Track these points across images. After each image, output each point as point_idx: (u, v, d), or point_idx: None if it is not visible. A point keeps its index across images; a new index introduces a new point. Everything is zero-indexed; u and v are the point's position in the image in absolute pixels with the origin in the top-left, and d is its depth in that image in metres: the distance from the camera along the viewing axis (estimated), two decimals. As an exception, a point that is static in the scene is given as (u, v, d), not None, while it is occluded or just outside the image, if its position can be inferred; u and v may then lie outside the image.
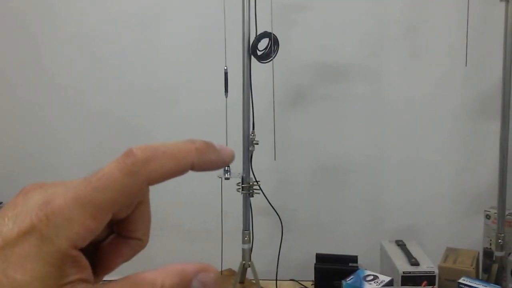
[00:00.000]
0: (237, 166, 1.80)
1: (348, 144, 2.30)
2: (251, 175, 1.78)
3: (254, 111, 1.76)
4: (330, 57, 2.26)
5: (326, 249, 1.90)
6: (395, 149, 2.26)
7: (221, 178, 1.76)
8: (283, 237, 1.93)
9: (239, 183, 1.77)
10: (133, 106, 2.40)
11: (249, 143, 1.74)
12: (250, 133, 1.74)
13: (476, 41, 1.84)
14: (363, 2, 2.21)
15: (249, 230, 1.80)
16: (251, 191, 1.76)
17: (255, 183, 1.77)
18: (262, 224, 2.15)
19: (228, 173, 1.77)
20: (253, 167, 1.79)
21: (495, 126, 1.83)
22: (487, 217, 1.78)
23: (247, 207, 1.79)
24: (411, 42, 2.19)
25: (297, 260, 2.26)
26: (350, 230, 2.37)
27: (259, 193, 1.77)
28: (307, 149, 2.34)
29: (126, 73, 2.37)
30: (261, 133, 1.79)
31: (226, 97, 1.74)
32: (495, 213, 1.69)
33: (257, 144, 1.74)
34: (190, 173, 0.32)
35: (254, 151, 1.76)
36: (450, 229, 2.24)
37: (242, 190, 1.76)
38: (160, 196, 2.64)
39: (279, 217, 1.87)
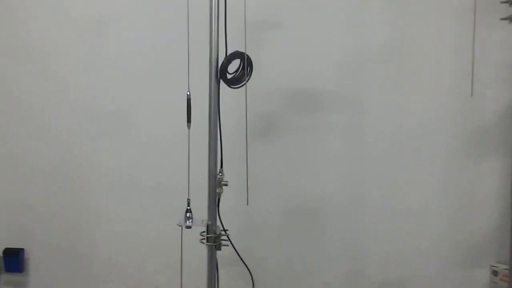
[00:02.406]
0: (201, 211, 1.57)
1: (325, 182, 2.11)
2: (218, 223, 1.55)
3: (222, 145, 1.53)
4: (304, 82, 2.09)
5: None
6: (378, 189, 2.09)
7: (181, 226, 1.51)
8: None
9: (203, 232, 1.53)
10: (76, 128, 2.14)
11: (216, 184, 1.51)
12: (218, 171, 1.51)
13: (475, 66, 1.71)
14: (341, 21, 2.05)
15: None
16: (218, 242, 1.52)
17: (223, 232, 1.53)
18: (227, 277, 1.91)
19: (190, 221, 1.53)
20: (220, 212, 1.55)
21: (496, 164, 1.69)
22: (494, 273, 1.61)
23: (212, 262, 1.54)
24: (396, 66, 2.05)
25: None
26: (327, 283, 2.15)
27: (227, 245, 1.53)
28: (278, 187, 2.13)
29: (73, 91, 2.12)
30: (230, 169, 1.57)
31: (189, 127, 1.51)
32: (505, 269, 1.52)
33: (226, 185, 1.51)
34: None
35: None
36: (442, 285, 2.06)
37: (207, 242, 1.52)
38: (108, 244, 2.39)
39: (249, 271, 1.63)
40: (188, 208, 1.53)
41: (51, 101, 2.16)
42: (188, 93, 1.51)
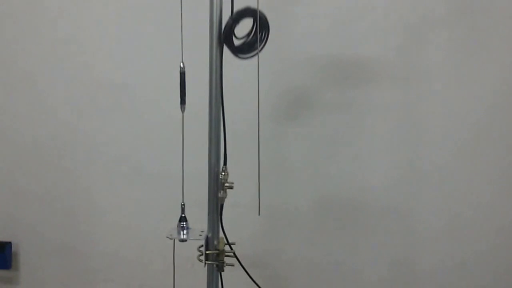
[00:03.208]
0: (198, 219, 1.22)
1: (368, 174, 1.72)
2: (221, 235, 1.20)
3: (226, 134, 1.17)
4: (343, 49, 1.68)
5: None
6: (437, 185, 1.68)
7: (173, 239, 1.17)
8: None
9: (201, 246, 1.19)
10: (71, 103, 1.84)
11: (218, 187, 1.15)
12: (220, 170, 1.15)
13: None
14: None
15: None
16: (220, 261, 1.17)
17: (228, 250, 1.18)
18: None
19: (185, 231, 1.19)
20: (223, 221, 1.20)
21: None
22: None
23: (214, 284, 1.20)
24: (465, 29, 1.61)
25: None
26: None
27: (232, 265, 1.19)
28: (306, 179, 1.75)
29: (67, 61, 1.81)
30: (238, 161, 1.21)
31: (183, 110, 1.15)
32: None
33: (231, 188, 1.15)
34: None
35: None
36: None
37: (206, 260, 1.17)
38: (108, 237, 2.09)
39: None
40: (183, 216, 1.19)
41: (42, 72, 1.84)
42: (182, 64, 1.14)
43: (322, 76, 1.70)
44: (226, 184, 1.14)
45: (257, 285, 1.26)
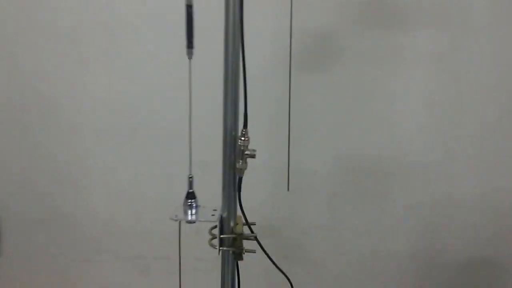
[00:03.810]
0: (210, 195, 0.98)
1: (400, 133, 1.48)
2: (239, 215, 0.96)
3: (247, 88, 0.91)
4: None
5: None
6: (474, 143, 1.45)
7: (178, 220, 0.93)
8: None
9: (213, 228, 0.95)
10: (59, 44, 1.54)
11: (235, 155, 0.90)
12: (239, 134, 0.90)
13: None
14: None
15: (233, 315, 1.00)
16: (237, 247, 0.94)
17: (248, 234, 0.95)
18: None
19: (193, 211, 0.95)
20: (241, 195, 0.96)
21: None
22: None
23: (229, 275, 0.97)
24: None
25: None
26: (396, 270, 1.59)
27: (254, 252, 0.95)
28: (326, 137, 1.51)
29: None
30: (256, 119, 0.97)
31: (190, 57, 0.88)
32: None
33: (252, 157, 0.90)
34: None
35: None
36: None
37: (220, 246, 0.94)
38: (103, 203, 1.77)
39: (287, 278, 1.06)
40: (191, 191, 0.94)
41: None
42: (188, -5, 0.86)
43: (351, 19, 1.43)
44: (247, 152, 0.89)
45: (283, 273, 1.03)
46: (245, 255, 0.95)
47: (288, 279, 1.05)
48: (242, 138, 0.88)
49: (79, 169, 1.64)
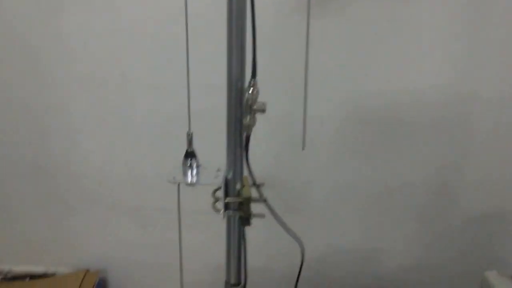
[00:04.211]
0: (211, 153, 0.86)
1: (415, 74, 1.34)
2: (247, 178, 0.85)
3: (256, 30, 0.77)
4: None
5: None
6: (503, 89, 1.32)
7: (176, 183, 0.83)
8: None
9: (217, 190, 0.84)
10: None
11: (242, 110, 0.78)
12: (247, 86, 0.77)
13: None
14: None
15: (240, 283, 0.91)
16: (246, 213, 0.83)
17: (257, 197, 0.84)
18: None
19: (193, 173, 0.83)
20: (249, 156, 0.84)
21: None
22: None
23: (236, 242, 0.88)
24: None
25: None
26: (415, 235, 1.50)
27: (263, 217, 0.85)
28: (338, 84, 1.37)
29: None
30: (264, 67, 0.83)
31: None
32: None
33: (263, 111, 0.77)
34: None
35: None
36: None
37: (225, 210, 0.83)
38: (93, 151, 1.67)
39: (298, 241, 0.97)
40: (190, 150, 0.83)
41: None
42: None
43: None
44: (255, 107, 0.77)
45: (295, 237, 0.93)
46: (253, 220, 0.85)
47: (300, 243, 0.96)
48: (250, 91, 0.76)
49: (66, 121, 1.51)
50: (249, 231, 0.89)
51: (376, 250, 1.61)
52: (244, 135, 0.80)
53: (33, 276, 1.74)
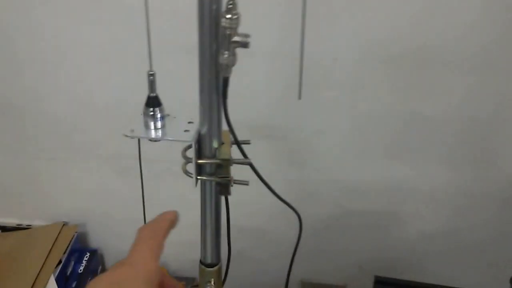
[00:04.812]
0: (182, 99, 0.67)
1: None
2: (225, 130, 0.65)
3: None
4: None
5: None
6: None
7: (135, 138, 0.63)
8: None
9: (188, 149, 0.65)
10: None
11: (218, 43, 0.57)
12: (224, 9, 0.56)
13: None
14: None
15: (218, 263, 0.73)
16: (225, 179, 0.64)
17: (240, 158, 0.65)
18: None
19: (158, 123, 0.64)
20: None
21: None
22: None
23: (213, 214, 0.69)
24: None
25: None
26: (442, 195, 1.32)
27: (247, 184, 0.66)
28: (346, 16, 1.15)
29: None
30: None
31: None
32: None
33: (245, 46, 0.57)
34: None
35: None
36: None
37: (198, 174, 0.65)
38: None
39: (296, 213, 0.78)
40: (152, 95, 0.63)
41: None
42: None
43: None
44: (236, 39, 0.56)
45: (290, 207, 0.75)
46: (236, 187, 0.66)
47: (297, 213, 0.78)
48: (228, 16, 0.55)
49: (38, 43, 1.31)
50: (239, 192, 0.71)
51: (395, 212, 1.43)
52: (221, 77, 0.60)
53: (5, 229, 1.60)
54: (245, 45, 0.56)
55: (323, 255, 1.54)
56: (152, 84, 0.62)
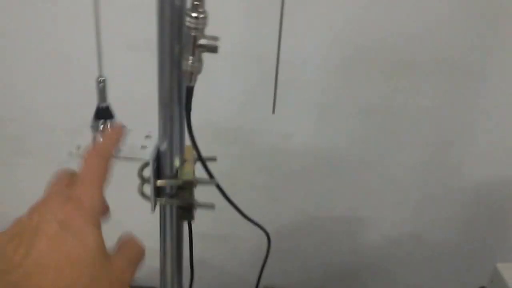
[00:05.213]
0: (138, 110, 0.58)
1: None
2: (188, 145, 0.56)
3: None
4: None
5: None
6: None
7: (78, 156, 0.54)
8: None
9: (145, 167, 0.56)
10: None
11: (181, 46, 0.48)
12: (189, 6, 0.47)
13: None
14: None
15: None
16: (189, 201, 0.55)
17: (204, 178, 0.56)
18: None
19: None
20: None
21: None
22: None
23: (174, 243, 0.60)
24: None
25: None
26: (407, 200, 1.26)
27: (213, 207, 0.57)
28: (329, 14, 1.07)
29: None
30: None
31: None
32: None
33: (213, 50, 0.48)
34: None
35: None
36: None
37: (156, 197, 0.55)
38: None
39: (264, 231, 0.70)
40: (104, 106, 0.53)
41: None
42: None
43: None
44: (202, 42, 0.47)
45: (261, 228, 0.67)
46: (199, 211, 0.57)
47: (265, 231, 0.70)
48: (194, 15, 0.46)
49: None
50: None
51: (361, 218, 1.37)
52: (184, 86, 0.51)
53: None
54: (213, 49, 0.48)
55: (288, 260, 1.47)
56: (102, 93, 0.53)
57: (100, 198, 0.44)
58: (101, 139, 0.51)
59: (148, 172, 0.55)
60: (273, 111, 0.55)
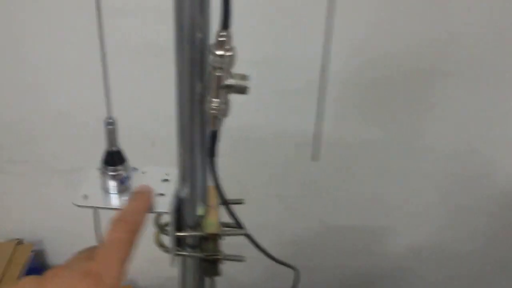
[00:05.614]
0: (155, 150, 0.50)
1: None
2: (214, 193, 0.49)
3: None
4: None
5: None
6: None
7: (89, 208, 0.47)
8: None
9: (166, 226, 0.49)
10: None
11: (204, 85, 0.41)
12: (214, 41, 0.39)
13: None
14: None
15: None
16: (214, 254, 0.48)
17: (231, 230, 0.49)
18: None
19: (122, 186, 0.47)
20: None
21: None
22: None
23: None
24: None
25: None
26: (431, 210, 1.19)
27: (243, 260, 0.50)
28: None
29: None
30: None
31: None
32: None
33: (242, 92, 0.40)
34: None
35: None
36: None
37: (177, 249, 0.48)
38: None
39: (293, 268, 0.63)
40: (113, 150, 0.46)
41: None
42: None
43: None
44: (229, 82, 0.40)
45: (285, 264, 0.60)
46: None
47: (295, 269, 0.63)
48: (219, 53, 0.38)
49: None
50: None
51: (382, 228, 1.30)
52: (208, 130, 0.43)
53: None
54: (242, 90, 0.40)
55: (305, 271, 1.40)
56: (111, 135, 0.45)
57: (121, 275, 0.40)
58: (128, 205, 0.44)
59: (167, 223, 0.48)
60: (314, 158, 0.47)
